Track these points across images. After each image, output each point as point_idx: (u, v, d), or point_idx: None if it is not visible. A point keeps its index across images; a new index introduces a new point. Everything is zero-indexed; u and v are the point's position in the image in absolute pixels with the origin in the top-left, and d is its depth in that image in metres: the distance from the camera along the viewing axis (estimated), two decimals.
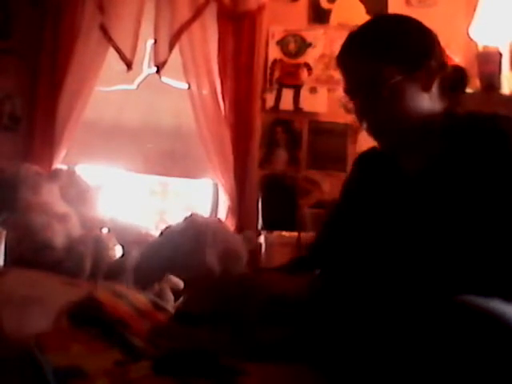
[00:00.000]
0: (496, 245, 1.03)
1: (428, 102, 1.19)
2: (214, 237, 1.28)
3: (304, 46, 3.36)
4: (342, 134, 3.32)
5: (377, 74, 1.17)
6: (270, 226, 3.00)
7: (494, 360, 0.78)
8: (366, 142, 1.42)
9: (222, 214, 3.24)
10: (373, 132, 1.22)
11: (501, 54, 2.89)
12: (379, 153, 1.29)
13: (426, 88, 1.18)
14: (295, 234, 2.86)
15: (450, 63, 1.24)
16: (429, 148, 1.19)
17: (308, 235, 2.87)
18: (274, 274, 1.25)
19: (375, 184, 1.29)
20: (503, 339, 0.79)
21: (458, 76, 1.24)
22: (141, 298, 1.52)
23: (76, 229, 2.75)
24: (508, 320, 0.81)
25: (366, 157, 1.36)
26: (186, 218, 1.42)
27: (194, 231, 1.31)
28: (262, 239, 2.97)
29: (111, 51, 3.19)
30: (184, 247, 1.28)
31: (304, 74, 3.35)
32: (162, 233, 1.41)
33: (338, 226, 1.37)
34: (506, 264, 1.01)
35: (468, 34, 2.98)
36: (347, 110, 1.29)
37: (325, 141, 3.36)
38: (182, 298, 1.48)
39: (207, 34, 3.24)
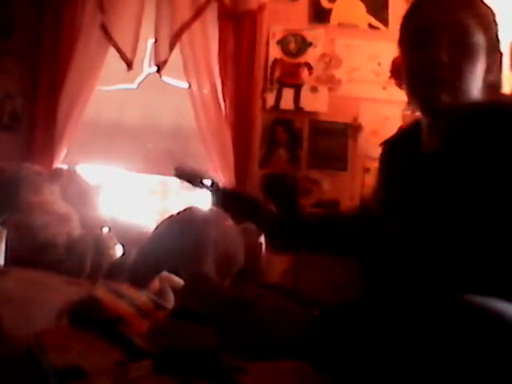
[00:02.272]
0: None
1: (479, 86, 1.18)
2: (215, 246, 1.28)
3: (304, 45, 3.36)
4: (343, 133, 3.32)
5: (473, 38, 1.17)
6: None
7: (495, 359, 0.78)
8: (366, 141, 1.42)
9: None
10: (432, 84, 1.17)
11: (501, 54, 2.89)
12: (402, 135, 1.31)
13: (485, 77, 1.19)
14: None
15: None
16: (448, 128, 1.18)
17: None
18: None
19: (398, 167, 1.30)
20: (504, 339, 0.78)
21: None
22: (141, 297, 1.52)
23: (76, 228, 2.75)
24: (509, 319, 0.80)
25: (390, 141, 1.38)
26: (183, 212, 1.41)
27: (194, 235, 1.30)
28: (262, 239, 2.97)
29: (112, 51, 3.19)
30: (182, 248, 1.28)
31: (304, 73, 3.35)
32: (157, 227, 1.41)
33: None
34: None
35: None
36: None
37: (325, 140, 3.35)
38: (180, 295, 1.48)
39: (208, 34, 3.24)
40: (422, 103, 1.21)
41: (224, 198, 1.43)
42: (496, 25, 1.23)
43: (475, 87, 1.18)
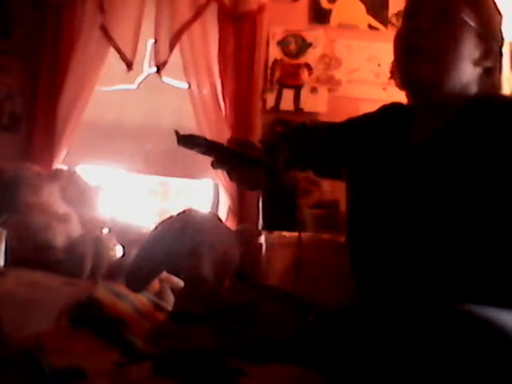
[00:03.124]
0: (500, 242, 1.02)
1: (468, 76, 1.16)
2: (213, 248, 1.28)
3: (304, 46, 3.36)
4: None
5: (458, 12, 1.14)
6: (270, 226, 3.00)
7: (493, 371, 0.77)
8: None
9: (223, 214, 3.24)
10: (414, 67, 1.15)
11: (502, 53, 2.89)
12: (402, 111, 1.27)
13: (476, 62, 1.16)
14: (296, 234, 2.85)
15: None
16: (437, 120, 1.16)
17: (308, 235, 2.87)
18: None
19: (381, 142, 1.27)
20: (502, 349, 0.78)
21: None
22: (141, 298, 1.52)
23: (76, 229, 2.75)
24: (507, 330, 0.80)
25: (393, 108, 1.34)
26: (182, 214, 1.41)
27: (193, 237, 1.30)
28: (262, 239, 2.96)
29: (112, 51, 3.19)
30: (181, 250, 1.28)
31: (304, 74, 3.35)
32: (156, 228, 1.41)
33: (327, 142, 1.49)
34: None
35: None
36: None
37: None
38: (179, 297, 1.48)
39: (208, 34, 3.24)
40: (404, 78, 1.18)
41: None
42: (496, 14, 1.20)
43: (464, 67, 1.15)
